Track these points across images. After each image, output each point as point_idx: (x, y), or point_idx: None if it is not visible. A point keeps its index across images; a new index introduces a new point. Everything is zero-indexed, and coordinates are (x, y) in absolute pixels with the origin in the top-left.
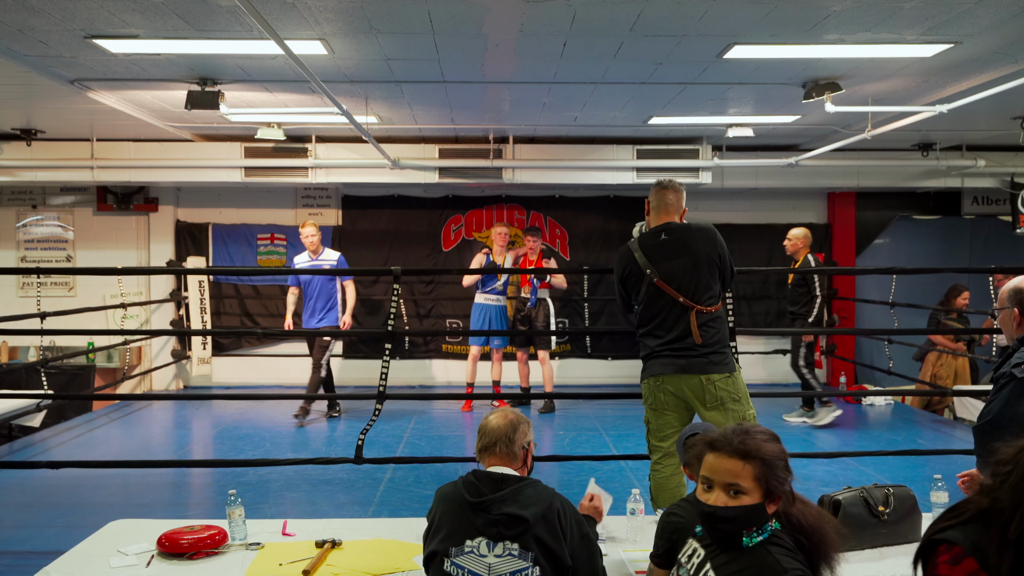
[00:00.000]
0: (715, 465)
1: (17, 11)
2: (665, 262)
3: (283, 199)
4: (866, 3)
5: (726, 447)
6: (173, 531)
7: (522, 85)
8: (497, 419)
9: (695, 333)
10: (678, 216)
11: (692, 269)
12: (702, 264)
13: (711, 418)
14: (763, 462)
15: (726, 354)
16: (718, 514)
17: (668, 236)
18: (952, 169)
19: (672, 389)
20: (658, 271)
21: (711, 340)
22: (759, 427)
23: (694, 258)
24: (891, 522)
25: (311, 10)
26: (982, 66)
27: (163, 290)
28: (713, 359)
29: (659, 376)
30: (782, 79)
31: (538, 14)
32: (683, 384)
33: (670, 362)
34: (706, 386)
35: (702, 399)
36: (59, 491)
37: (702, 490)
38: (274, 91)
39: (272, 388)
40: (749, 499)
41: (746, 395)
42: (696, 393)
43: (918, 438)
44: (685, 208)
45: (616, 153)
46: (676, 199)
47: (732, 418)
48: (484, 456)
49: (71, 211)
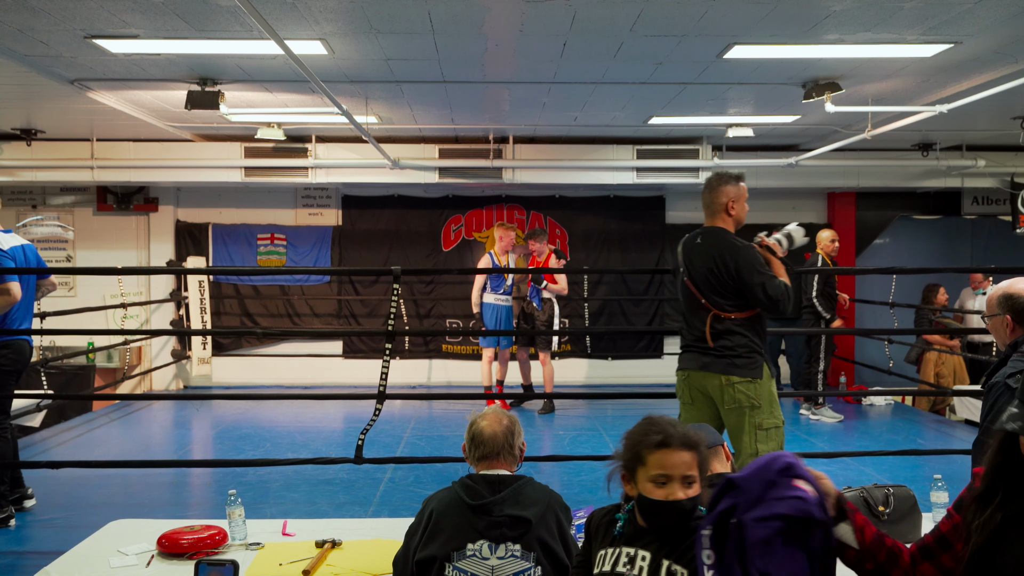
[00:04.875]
0: (671, 460)
1: (17, 11)
2: (694, 263)
3: (283, 199)
4: (866, 3)
5: (676, 442)
6: (173, 531)
7: (522, 85)
8: (492, 426)
9: (707, 335)
10: (723, 213)
11: (712, 274)
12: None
13: (729, 421)
14: (700, 450)
15: (751, 359)
16: (685, 507)
17: (702, 240)
18: (952, 169)
19: (696, 385)
20: (688, 271)
21: (734, 344)
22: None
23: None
24: (891, 522)
25: (311, 10)
26: (982, 66)
27: (163, 290)
28: (736, 362)
29: (685, 371)
30: (782, 79)
31: (538, 14)
32: (705, 382)
33: (694, 358)
34: (725, 387)
35: (721, 400)
36: (59, 491)
37: (652, 487)
38: (274, 91)
39: (272, 388)
40: (699, 485)
41: (770, 402)
42: (716, 393)
43: (918, 438)
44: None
45: (616, 153)
46: (710, 199)
47: (749, 423)
48: (483, 463)
49: (71, 211)
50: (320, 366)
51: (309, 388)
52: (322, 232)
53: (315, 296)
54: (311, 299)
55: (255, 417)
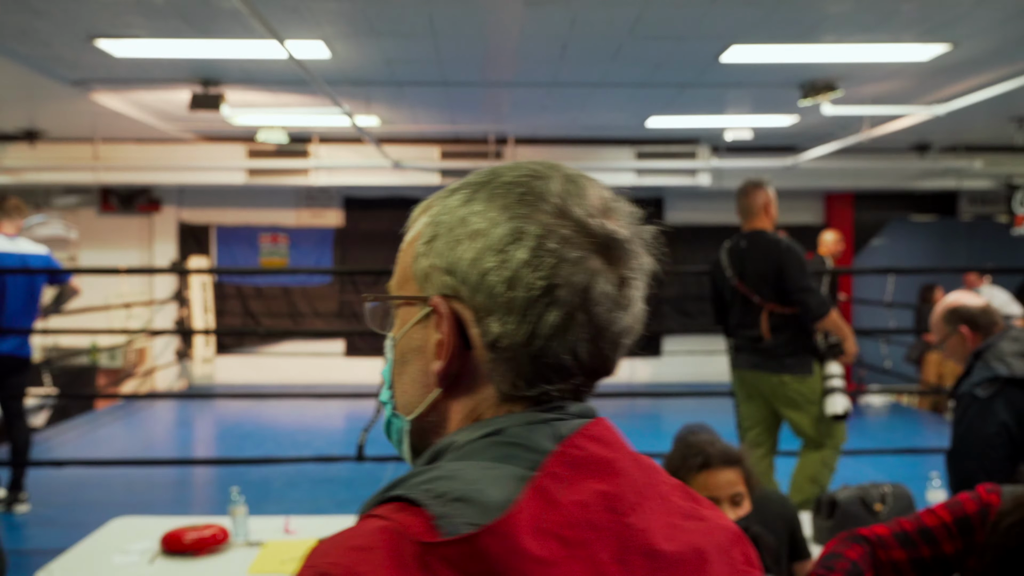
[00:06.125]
0: (716, 481)
1: (20, 13)
2: (745, 265)
3: (285, 200)
4: (863, 5)
5: (718, 460)
6: (176, 529)
7: (522, 87)
8: None
9: (764, 331)
10: (763, 215)
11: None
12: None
13: (790, 416)
14: (744, 465)
15: (802, 356)
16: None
17: (749, 243)
18: (949, 170)
19: (750, 383)
20: (737, 273)
21: (787, 340)
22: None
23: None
24: (887, 520)
25: (313, 12)
26: (979, 68)
27: (166, 290)
28: (786, 361)
29: (739, 370)
30: (780, 81)
31: (538, 17)
32: (758, 381)
33: (746, 358)
34: (777, 387)
35: (776, 398)
36: (62, 489)
37: None
38: (276, 93)
39: (274, 387)
40: (747, 502)
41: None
42: (771, 392)
43: (915, 437)
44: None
45: (615, 154)
46: (749, 203)
47: (809, 416)
48: None
49: (74, 212)
50: (322, 365)
51: (311, 387)
52: (324, 233)
53: (317, 296)
54: (313, 299)
55: (257, 416)
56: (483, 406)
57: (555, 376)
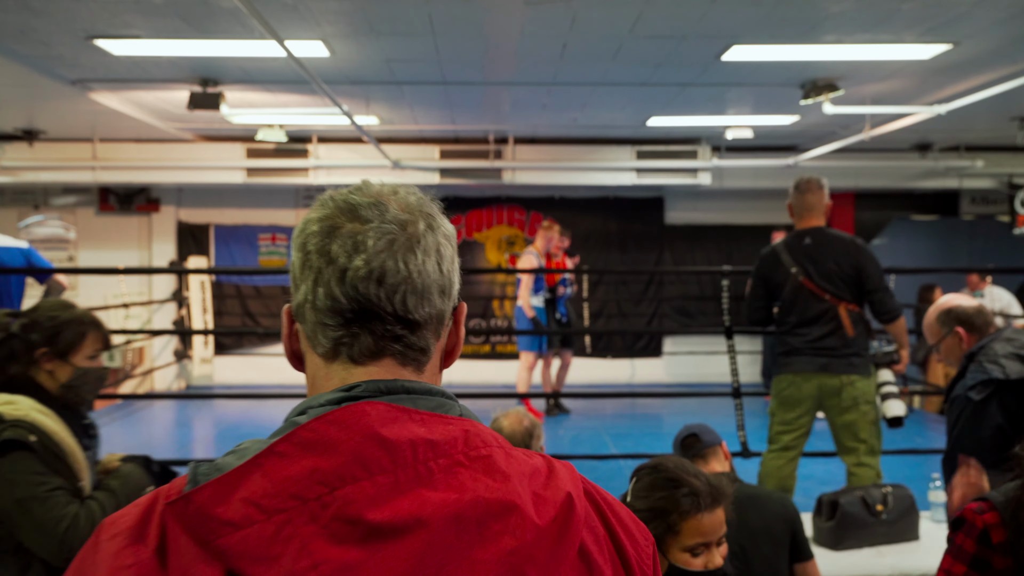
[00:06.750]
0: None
1: (19, 12)
2: (816, 263)
3: (284, 199)
4: (864, 4)
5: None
6: None
7: (522, 86)
8: (512, 425)
9: (847, 327)
10: (823, 214)
11: (838, 272)
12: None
13: (844, 420)
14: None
15: (865, 356)
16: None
17: (812, 240)
18: (950, 170)
19: (809, 387)
20: (805, 272)
21: (856, 338)
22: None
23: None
24: (889, 521)
25: (312, 11)
26: (980, 67)
27: (165, 290)
28: (854, 361)
29: (799, 373)
30: (781, 80)
31: (538, 15)
32: (821, 382)
33: (809, 360)
34: (845, 387)
35: (839, 400)
36: None
37: (688, 558)
38: (275, 92)
39: (274, 388)
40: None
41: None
42: (830, 393)
43: (916, 437)
44: (830, 202)
45: (616, 154)
46: (814, 200)
47: (863, 419)
48: None
49: (73, 211)
50: None
51: None
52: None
53: None
54: None
55: (256, 416)
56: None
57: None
